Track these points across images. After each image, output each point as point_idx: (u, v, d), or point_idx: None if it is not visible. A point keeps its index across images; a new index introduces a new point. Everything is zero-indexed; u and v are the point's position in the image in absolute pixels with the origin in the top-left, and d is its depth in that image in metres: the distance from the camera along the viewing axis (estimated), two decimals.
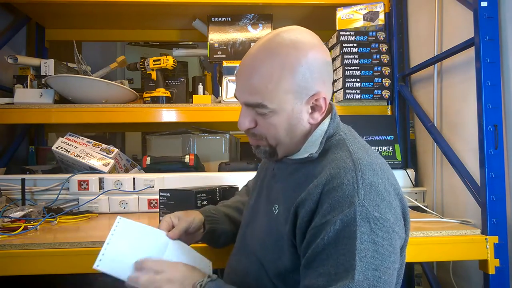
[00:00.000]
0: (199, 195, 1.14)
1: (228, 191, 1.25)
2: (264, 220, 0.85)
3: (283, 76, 0.76)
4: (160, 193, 1.22)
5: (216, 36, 1.88)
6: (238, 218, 1.03)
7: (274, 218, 0.82)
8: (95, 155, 1.63)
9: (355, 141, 0.82)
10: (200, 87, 1.84)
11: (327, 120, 0.83)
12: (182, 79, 1.91)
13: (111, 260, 0.77)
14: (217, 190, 1.21)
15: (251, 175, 1.22)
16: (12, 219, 1.24)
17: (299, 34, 0.79)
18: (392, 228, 0.71)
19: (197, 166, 1.67)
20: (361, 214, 0.68)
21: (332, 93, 0.81)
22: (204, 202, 1.15)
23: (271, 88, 0.76)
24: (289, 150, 0.84)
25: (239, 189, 1.26)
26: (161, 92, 1.79)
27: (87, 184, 1.53)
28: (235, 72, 0.86)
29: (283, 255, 0.78)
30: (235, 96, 0.84)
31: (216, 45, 1.88)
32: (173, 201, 1.20)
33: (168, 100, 1.81)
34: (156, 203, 1.52)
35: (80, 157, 1.61)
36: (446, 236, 1.18)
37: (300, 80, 0.76)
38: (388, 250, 0.69)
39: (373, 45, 1.73)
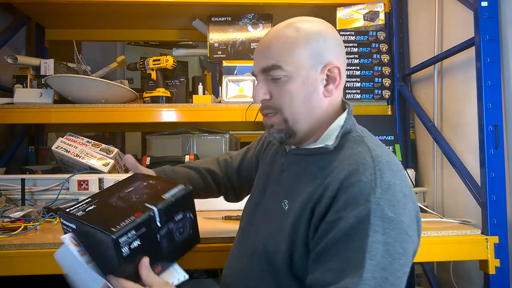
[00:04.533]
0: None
1: None
2: (274, 217, 0.82)
3: (299, 41, 0.78)
4: None
5: (216, 36, 1.88)
6: (197, 179, 1.07)
7: (285, 213, 0.79)
8: (95, 155, 1.63)
9: (373, 139, 0.81)
10: (200, 87, 1.84)
11: (344, 115, 0.82)
12: (182, 79, 1.90)
13: None
14: None
15: None
16: (12, 219, 1.24)
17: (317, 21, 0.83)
18: (405, 231, 0.70)
19: None
20: (375, 212, 0.67)
21: (345, 74, 0.82)
22: None
23: (286, 50, 0.78)
24: (306, 131, 0.82)
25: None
26: (161, 92, 1.79)
27: (87, 184, 1.52)
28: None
29: (295, 252, 0.76)
30: (252, 73, 0.85)
31: (216, 45, 1.87)
32: None
33: (168, 100, 1.81)
34: None
35: (80, 157, 1.61)
36: (446, 236, 1.18)
37: (314, 46, 0.78)
38: (398, 252, 0.68)
39: (373, 45, 1.73)
